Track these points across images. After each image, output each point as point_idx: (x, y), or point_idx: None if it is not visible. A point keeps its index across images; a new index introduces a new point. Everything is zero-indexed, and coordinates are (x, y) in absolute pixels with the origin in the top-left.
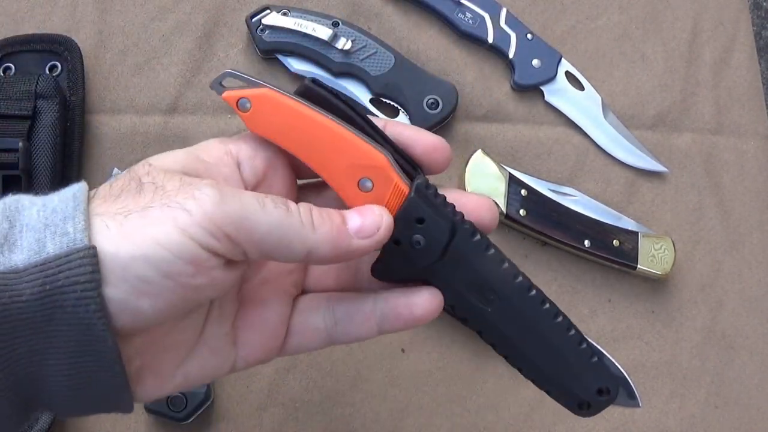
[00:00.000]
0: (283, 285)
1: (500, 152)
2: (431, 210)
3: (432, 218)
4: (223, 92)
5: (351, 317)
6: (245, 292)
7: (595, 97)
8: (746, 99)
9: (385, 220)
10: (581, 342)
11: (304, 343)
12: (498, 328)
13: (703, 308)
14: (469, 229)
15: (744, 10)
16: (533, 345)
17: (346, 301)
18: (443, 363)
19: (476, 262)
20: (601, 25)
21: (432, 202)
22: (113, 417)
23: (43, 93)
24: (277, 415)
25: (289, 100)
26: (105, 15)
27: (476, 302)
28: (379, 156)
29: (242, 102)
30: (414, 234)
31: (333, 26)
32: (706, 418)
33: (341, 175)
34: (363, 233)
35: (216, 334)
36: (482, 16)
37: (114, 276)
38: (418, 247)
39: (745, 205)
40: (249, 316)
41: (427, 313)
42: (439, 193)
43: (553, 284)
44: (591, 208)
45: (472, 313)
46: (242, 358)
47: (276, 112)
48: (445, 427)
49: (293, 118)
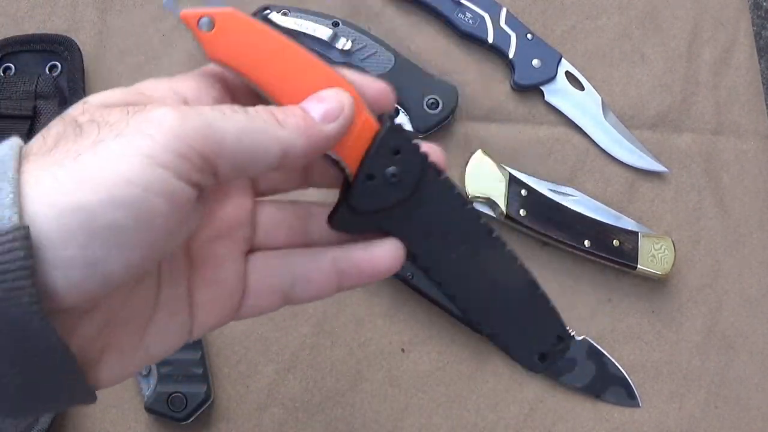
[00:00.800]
0: (233, 239)
1: (500, 152)
2: (406, 142)
3: (407, 149)
4: (179, 11)
5: (309, 274)
6: (194, 250)
7: (595, 97)
8: (746, 99)
9: (345, 97)
10: (538, 287)
11: (260, 303)
12: (460, 276)
13: (703, 308)
14: (436, 167)
15: (744, 10)
16: (496, 292)
17: (302, 257)
18: (443, 363)
19: (442, 201)
20: (601, 25)
21: (406, 134)
22: (113, 417)
23: (43, 93)
24: (277, 415)
25: (258, 23)
26: (105, 15)
27: (440, 247)
28: (349, 87)
29: (204, 21)
30: (389, 166)
31: (333, 26)
32: (706, 418)
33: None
34: (330, 116)
35: (173, 297)
36: (482, 16)
37: (76, 235)
38: (392, 180)
39: (745, 205)
40: (202, 274)
41: (390, 266)
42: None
43: (553, 284)
44: (591, 208)
45: (434, 260)
46: (199, 324)
47: (241, 34)
48: (445, 427)
49: (263, 40)
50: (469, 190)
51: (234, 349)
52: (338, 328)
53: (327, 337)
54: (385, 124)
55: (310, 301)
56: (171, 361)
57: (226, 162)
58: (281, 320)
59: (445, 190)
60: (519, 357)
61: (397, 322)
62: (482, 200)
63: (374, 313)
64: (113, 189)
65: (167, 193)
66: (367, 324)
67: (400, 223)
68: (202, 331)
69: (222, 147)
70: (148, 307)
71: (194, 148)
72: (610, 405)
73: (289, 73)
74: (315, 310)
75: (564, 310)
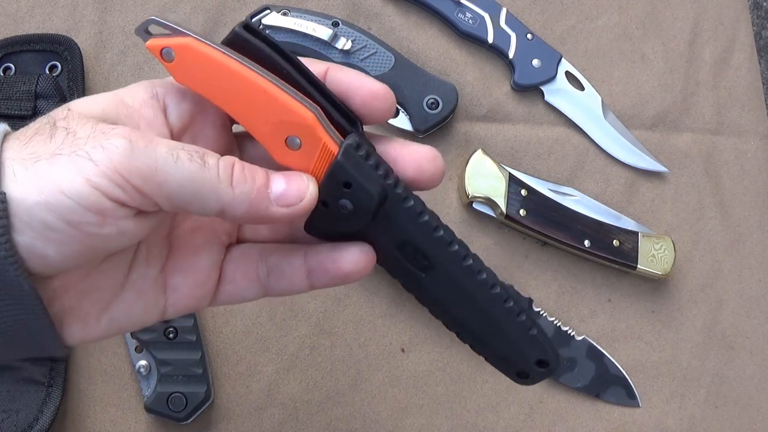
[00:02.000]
0: (215, 232)
1: (500, 152)
2: (358, 174)
3: (359, 183)
4: (147, 40)
5: (282, 268)
6: (175, 237)
7: (595, 97)
8: (746, 99)
9: (310, 191)
10: (519, 314)
11: (237, 292)
12: (431, 294)
13: (703, 308)
14: (402, 194)
15: (744, 10)
16: (469, 313)
17: (278, 251)
18: (443, 363)
19: (408, 229)
20: (601, 25)
21: (360, 166)
22: (113, 417)
23: (43, 93)
24: (277, 415)
25: (214, 52)
26: (105, 15)
27: (409, 268)
28: (307, 113)
29: (166, 51)
30: (341, 198)
31: (333, 26)
32: (706, 418)
33: (268, 132)
34: (283, 201)
35: (143, 278)
36: (482, 16)
37: (20, 221)
38: (344, 212)
39: (745, 205)
40: (179, 261)
41: (355, 269)
42: (372, 153)
43: (553, 284)
44: (591, 208)
45: (405, 276)
46: (172, 305)
47: (199, 63)
48: (445, 427)
49: (217, 70)
50: (469, 190)
51: (234, 349)
52: (338, 328)
53: (327, 337)
54: (337, 156)
55: (285, 294)
56: (171, 361)
57: (164, 200)
58: (281, 320)
59: (411, 218)
60: (498, 368)
61: (397, 322)
62: (482, 200)
63: (374, 313)
64: (50, 196)
65: (97, 210)
66: (367, 324)
67: (367, 239)
68: (175, 312)
69: (161, 189)
70: (115, 285)
71: (131, 184)
72: (610, 405)
73: (241, 99)
74: (315, 310)
75: (564, 310)
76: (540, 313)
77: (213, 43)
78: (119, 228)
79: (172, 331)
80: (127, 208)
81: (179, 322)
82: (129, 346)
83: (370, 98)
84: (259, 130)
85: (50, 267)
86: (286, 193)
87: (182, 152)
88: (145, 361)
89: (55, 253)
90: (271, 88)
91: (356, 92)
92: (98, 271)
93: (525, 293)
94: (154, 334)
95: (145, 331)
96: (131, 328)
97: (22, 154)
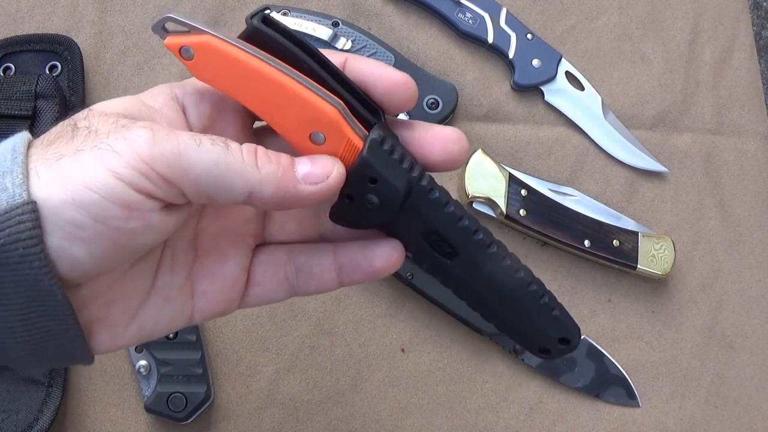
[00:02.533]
0: (241, 235)
1: (500, 152)
2: (384, 169)
3: (385, 178)
4: (165, 38)
5: (311, 268)
6: (201, 242)
7: (595, 97)
8: (746, 99)
9: (336, 169)
10: (542, 296)
11: (266, 294)
12: (457, 279)
13: (703, 308)
14: (427, 186)
15: (744, 10)
16: (493, 297)
17: (306, 251)
18: (443, 363)
19: (434, 220)
20: (600, 25)
21: (385, 161)
22: (113, 417)
23: (43, 93)
24: (277, 415)
25: (233, 49)
26: (105, 15)
27: (435, 255)
28: (330, 109)
29: (185, 50)
30: (367, 193)
31: (333, 26)
32: (706, 418)
33: (292, 128)
34: (311, 178)
35: (170, 285)
36: (482, 16)
37: (48, 223)
38: (371, 206)
39: (745, 205)
40: (206, 266)
41: (387, 265)
42: (396, 146)
43: (553, 284)
44: (591, 208)
45: (431, 264)
46: (199, 310)
47: (219, 61)
48: (445, 427)
49: (237, 68)
50: (469, 190)
51: (234, 349)
52: (338, 328)
53: (327, 337)
54: (362, 151)
55: (314, 293)
56: (171, 361)
57: (191, 188)
58: (281, 320)
59: (437, 209)
60: (521, 344)
61: (397, 322)
62: (482, 200)
63: (374, 313)
64: (76, 192)
65: (124, 203)
66: (367, 324)
67: (393, 230)
68: (203, 317)
69: (187, 174)
70: (142, 292)
71: (156, 171)
72: (610, 405)
73: (263, 96)
74: (315, 309)
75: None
76: None
77: (232, 39)
78: (147, 222)
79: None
80: (154, 200)
81: None
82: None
83: (393, 88)
84: (283, 126)
85: (79, 270)
86: (313, 170)
87: (204, 138)
88: (145, 361)
89: (83, 254)
90: (292, 84)
91: (377, 82)
92: (125, 279)
93: None
94: None
95: None
96: (159, 335)
97: (46, 155)
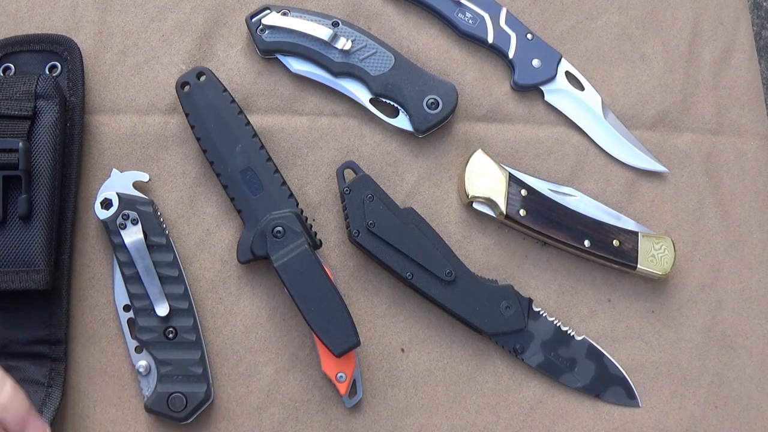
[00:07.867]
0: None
1: (500, 152)
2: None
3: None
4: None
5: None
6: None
7: (595, 97)
8: (746, 99)
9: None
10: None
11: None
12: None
13: (703, 308)
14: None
15: (744, 10)
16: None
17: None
18: (443, 363)
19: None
20: (600, 25)
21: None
22: (113, 417)
23: (43, 93)
24: (277, 415)
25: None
26: (105, 15)
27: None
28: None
29: (340, 376)
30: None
31: (333, 26)
32: (706, 418)
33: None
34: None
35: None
36: (482, 16)
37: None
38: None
39: (745, 205)
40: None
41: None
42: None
43: (553, 284)
44: (591, 208)
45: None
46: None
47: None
48: (445, 427)
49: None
50: (469, 190)
51: (234, 349)
52: None
53: None
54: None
55: None
56: (171, 361)
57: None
58: (281, 320)
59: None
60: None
61: (397, 322)
62: (482, 200)
63: (374, 313)
64: None
65: None
66: (367, 324)
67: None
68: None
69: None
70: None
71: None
72: (610, 405)
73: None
74: None
75: (564, 310)
76: (540, 313)
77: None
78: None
79: (171, 331)
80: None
81: (179, 321)
82: (129, 346)
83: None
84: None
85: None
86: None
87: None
88: (145, 361)
89: None
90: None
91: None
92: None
93: (525, 293)
94: (154, 334)
95: (145, 331)
96: None
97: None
